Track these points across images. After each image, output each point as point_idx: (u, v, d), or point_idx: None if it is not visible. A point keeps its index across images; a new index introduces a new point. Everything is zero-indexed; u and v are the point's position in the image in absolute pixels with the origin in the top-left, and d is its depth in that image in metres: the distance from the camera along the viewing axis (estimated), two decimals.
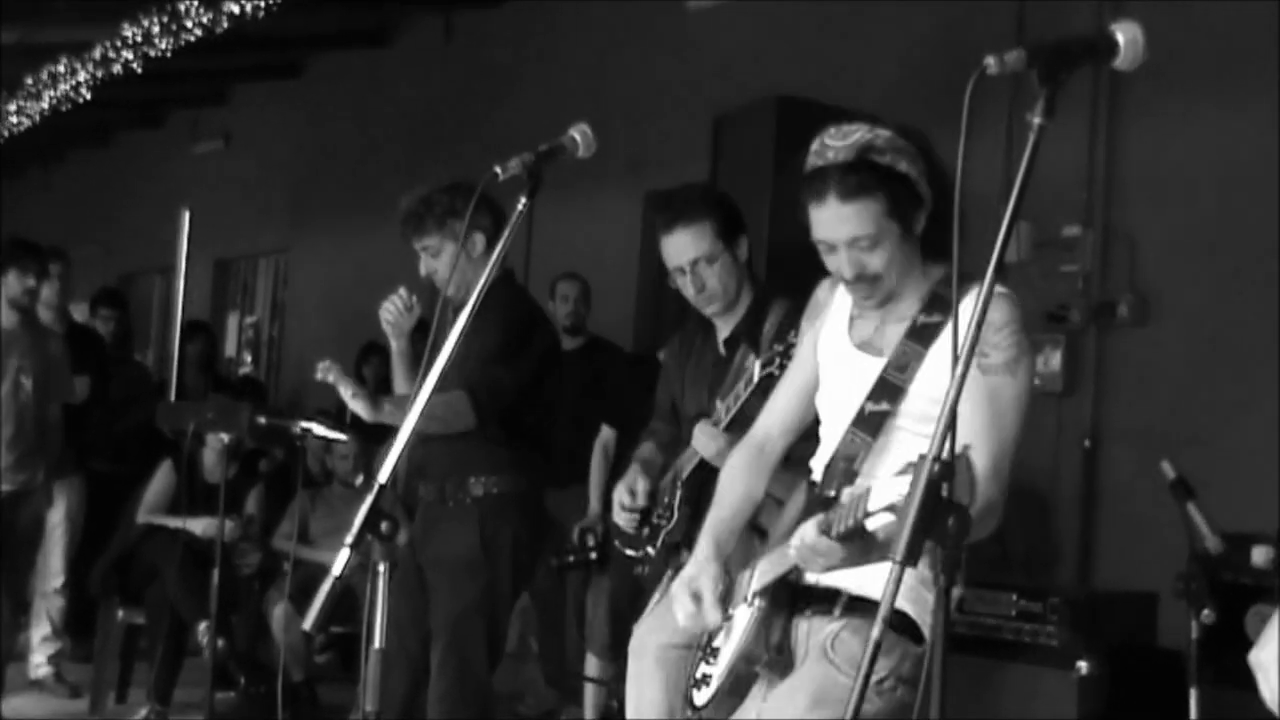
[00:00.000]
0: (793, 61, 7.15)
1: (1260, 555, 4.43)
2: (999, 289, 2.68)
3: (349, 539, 2.58)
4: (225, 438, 5.81)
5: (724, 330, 3.99)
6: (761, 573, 2.85)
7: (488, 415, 4.29)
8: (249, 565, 6.69)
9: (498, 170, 2.81)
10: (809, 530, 2.52)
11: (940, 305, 2.77)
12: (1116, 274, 5.84)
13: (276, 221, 11.66)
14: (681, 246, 3.89)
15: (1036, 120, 2.01)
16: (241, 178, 12.11)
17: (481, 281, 2.82)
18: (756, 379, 3.60)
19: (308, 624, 2.65)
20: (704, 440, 3.81)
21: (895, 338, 2.83)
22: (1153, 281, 5.77)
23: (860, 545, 2.43)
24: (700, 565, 2.93)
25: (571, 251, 7.87)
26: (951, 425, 1.96)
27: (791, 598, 2.85)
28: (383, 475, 2.65)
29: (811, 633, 2.83)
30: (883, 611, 1.93)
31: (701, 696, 2.92)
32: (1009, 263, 3.86)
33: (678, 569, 3.98)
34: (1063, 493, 5.92)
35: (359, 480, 6.79)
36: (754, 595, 2.86)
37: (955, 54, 5.75)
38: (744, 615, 2.88)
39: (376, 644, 2.69)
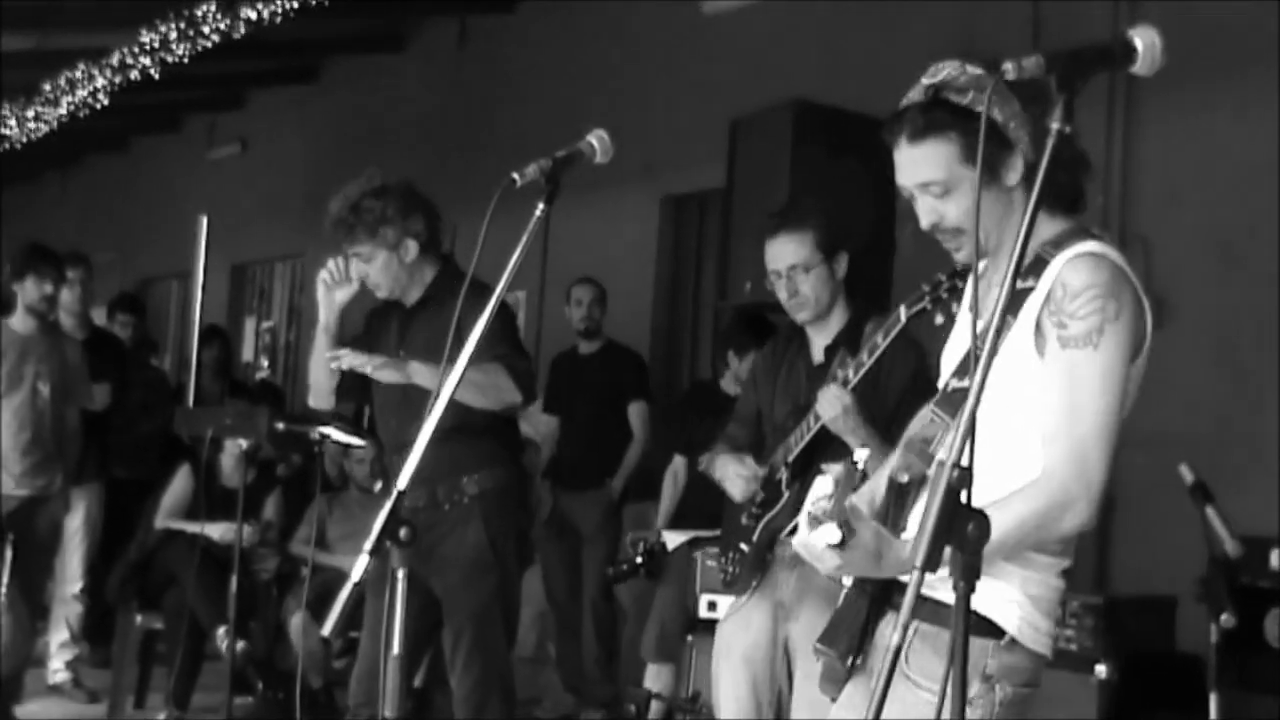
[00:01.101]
0: (810, 65, 7.14)
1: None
2: (1092, 247, 2.42)
3: (368, 545, 2.57)
4: (243, 443, 5.80)
5: (820, 339, 4.09)
6: None
7: (527, 390, 4.33)
8: (267, 570, 6.70)
9: (515, 177, 2.76)
10: (802, 534, 2.38)
11: (1037, 267, 2.41)
12: None
13: (293, 226, 11.65)
14: (781, 251, 4.06)
15: (1055, 126, 1.97)
16: (258, 182, 12.14)
17: (503, 283, 2.76)
18: (904, 320, 3.50)
19: (326, 630, 2.64)
20: (830, 400, 3.73)
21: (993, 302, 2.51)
22: (1168, 284, 5.72)
23: (860, 554, 2.28)
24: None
25: (588, 255, 7.87)
26: (971, 429, 1.90)
27: (883, 590, 2.55)
28: (401, 481, 2.64)
29: (882, 639, 2.55)
30: (903, 619, 1.88)
31: None
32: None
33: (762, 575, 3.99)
34: None
35: (377, 485, 6.78)
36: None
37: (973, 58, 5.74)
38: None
39: (395, 650, 2.68)
